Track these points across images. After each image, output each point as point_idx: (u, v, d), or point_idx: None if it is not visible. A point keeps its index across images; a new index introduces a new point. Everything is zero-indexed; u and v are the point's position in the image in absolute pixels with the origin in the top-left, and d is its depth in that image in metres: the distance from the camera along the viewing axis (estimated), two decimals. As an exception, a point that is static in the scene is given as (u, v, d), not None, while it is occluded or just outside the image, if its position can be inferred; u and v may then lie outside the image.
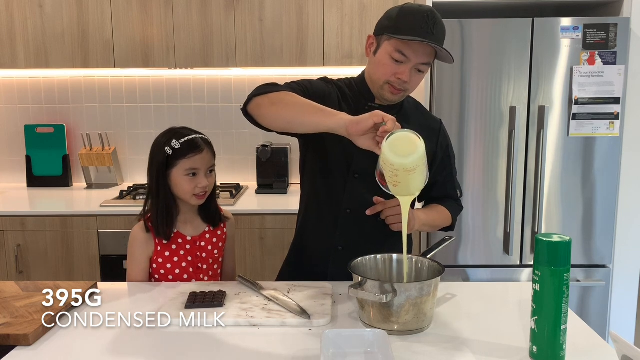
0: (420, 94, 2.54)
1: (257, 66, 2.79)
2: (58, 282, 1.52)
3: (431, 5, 2.47)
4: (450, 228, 1.74)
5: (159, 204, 1.63)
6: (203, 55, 2.78)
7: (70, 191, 3.06)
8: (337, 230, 1.62)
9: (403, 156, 1.23)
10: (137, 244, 1.66)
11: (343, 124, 1.29)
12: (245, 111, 1.48)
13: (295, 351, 1.18)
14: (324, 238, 1.65)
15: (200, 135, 1.66)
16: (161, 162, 1.61)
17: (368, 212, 1.53)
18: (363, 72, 1.62)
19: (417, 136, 1.24)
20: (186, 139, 1.61)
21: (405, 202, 1.34)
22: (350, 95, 1.61)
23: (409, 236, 1.76)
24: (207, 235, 1.71)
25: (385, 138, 1.24)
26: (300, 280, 1.60)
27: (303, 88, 1.53)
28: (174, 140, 1.60)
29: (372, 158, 1.33)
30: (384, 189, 1.31)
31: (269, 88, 1.46)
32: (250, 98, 1.46)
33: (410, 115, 1.64)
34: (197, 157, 1.61)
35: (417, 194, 1.32)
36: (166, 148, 1.60)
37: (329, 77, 1.67)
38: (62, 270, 2.62)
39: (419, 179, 1.29)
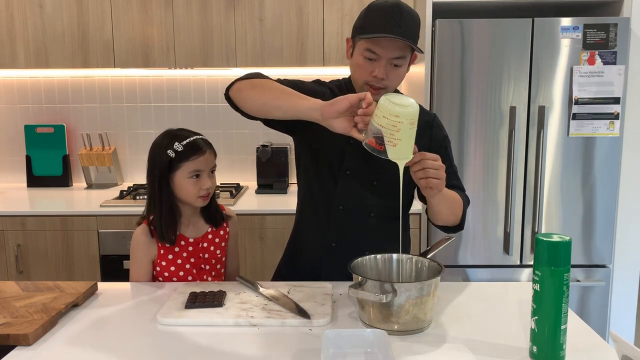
0: (420, 93, 2.55)
1: (257, 66, 2.78)
2: (58, 282, 1.52)
3: (431, 5, 2.47)
4: (459, 227, 1.66)
5: (162, 209, 1.61)
6: (203, 55, 2.78)
7: (70, 191, 3.06)
8: (331, 226, 1.62)
9: (406, 105, 1.23)
10: (140, 248, 1.65)
11: (317, 107, 1.30)
12: (227, 95, 1.51)
13: (295, 351, 1.18)
14: (318, 235, 1.66)
15: (200, 136, 1.65)
16: (163, 165, 1.59)
17: (408, 164, 1.36)
18: None
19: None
20: (188, 141, 1.60)
21: (401, 166, 1.32)
22: (341, 92, 1.61)
23: (406, 234, 1.76)
24: (210, 236, 1.71)
25: (380, 102, 1.23)
26: (295, 277, 1.61)
27: (293, 84, 1.54)
28: (176, 143, 1.59)
29: (363, 155, 1.35)
30: (376, 154, 1.28)
31: (253, 75, 1.49)
32: (233, 82, 1.49)
33: None
34: (201, 158, 1.60)
35: (411, 157, 1.31)
36: (168, 151, 1.59)
37: (328, 77, 1.67)
38: (62, 270, 2.62)
39: (414, 138, 1.28)
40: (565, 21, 2.40)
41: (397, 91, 1.59)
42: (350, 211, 1.61)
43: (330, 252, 1.63)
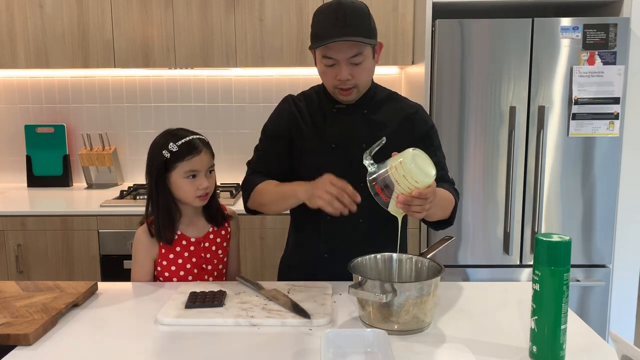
0: (420, 93, 2.55)
1: (257, 66, 2.79)
2: (58, 282, 1.52)
3: (431, 5, 2.47)
4: (449, 221, 1.62)
5: (159, 209, 1.62)
6: (203, 55, 2.78)
7: (71, 191, 3.06)
8: (321, 238, 1.64)
9: (428, 174, 1.24)
10: (141, 247, 1.65)
11: (305, 198, 1.45)
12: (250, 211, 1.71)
13: (295, 351, 1.18)
14: (310, 247, 1.67)
15: (198, 136, 1.64)
16: (159, 166, 1.59)
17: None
18: None
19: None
20: (183, 140, 1.59)
21: (400, 217, 1.34)
22: (318, 102, 1.64)
23: (404, 235, 1.76)
24: (211, 236, 1.70)
25: (401, 157, 1.23)
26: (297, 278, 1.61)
27: (264, 163, 1.67)
28: (171, 143, 1.58)
29: (343, 162, 1.47)
30: (376, 199, 1.30)
31: (245, 193, 1.68)
32: (245, 204, 1.70)
33: (381, 105, 1.63)
34: (196, 158, 1.60)
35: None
36: (164, 151, 1.58)
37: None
38: (62, 270, 2.62)
39: None
40: (565, 21, 2.40)
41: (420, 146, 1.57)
42: (337, 220, 1.59)
43: (323, 262, 1.64)
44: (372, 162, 1.31)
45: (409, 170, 1.22)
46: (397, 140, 1.48)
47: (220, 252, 1.72)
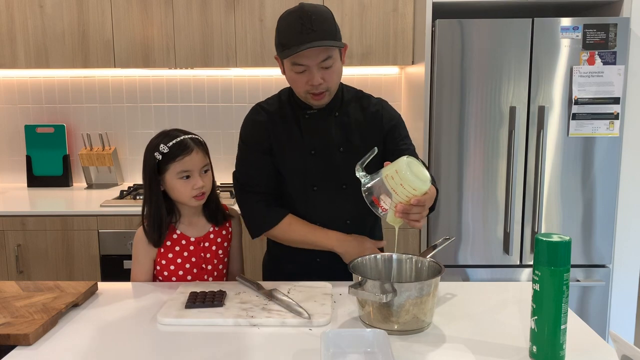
0: (420, 93, 2.55)
1: (257, 66, 2.79)
2: (58, 282, 1.52)
3: (431, 5, 2.47)
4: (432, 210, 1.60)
5: (151, 210, 1.62)
6: (203, 55, 2.78)
7: (71, 191, 3.06)
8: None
9: (424, 180, 1.24)
10: (141, 247, 1.65)
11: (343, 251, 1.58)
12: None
13: (295, 351, 1.18)
14: (300, 255, 1.67)
15: (190, 136, 1.63)
16: (152, 167, 1.59)
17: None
18: None
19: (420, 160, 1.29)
20: (174, 141, 1.58)
21: (397, 228, 1.35)
22: (290, 108, 1.63)
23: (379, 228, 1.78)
24: (212, 236, 1.70)
25: (395, 166, 1.23)
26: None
27: (256, 179, 1.63)
28: (162, 145, 1.58)
29: (325, 172, 1.50)
30: (374, 210, 1.29)
31: (258, 223, 1.65)
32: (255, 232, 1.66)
33: (350, 110, 1.64)
34: (187, 158, 1.59)
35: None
36: (155, 153, 1.58)
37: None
38: (62, 270, 2.62)
39: None
40: (565, 21, 2.40)
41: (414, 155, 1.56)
42: (326, 223, 1.62)
43: (316, 267, 1.65)
44: (364, 173, 1.32)
45: (406, 178, 1.22)
46: (369, 137, 1.57)
47: (220, 252, 1.71)
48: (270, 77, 3.12)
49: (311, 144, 1.60)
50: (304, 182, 1.62)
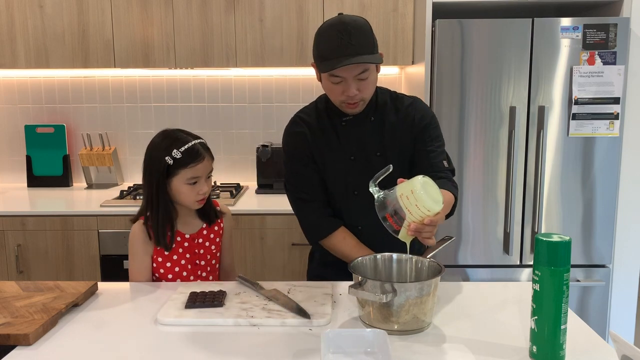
0: (420, 93, 2.54)
1: (257, 66, 2.79)
2: (58, 282, 1.52)
3: (431, 5, 2.47)
4: (450, 215, 1.66)
5: (159, 213, 1.62)
6: (203, 55, 2.78)
7: (71, 191, 3.06)
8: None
9: (437, 201, 1.25)
10: (139, 243, 1.66)
11: None
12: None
13: (295, 351, 1.18)
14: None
15: (198, 140, 1.64)
16: (161, 171, 1.59)
17: None
18: None
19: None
20: (186, 147, 1.59)
21: (408, 243, 1.35)
22: (327, 116, 1.66)
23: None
24: (205, 232, 1.72)
25: (411, 186, 1.24)
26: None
27: (306, 187, 1.67)
28: (174, 150, 1.58)
29: (364, 177, 1.44)
30: (387, 227, 1.30)
31: (315, 229, 1.69)
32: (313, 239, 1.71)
33: (385, 113, 1.66)
34: (199, 165, 1.60)
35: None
36: (166, 158, 1.58)
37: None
38: (62, 270, 2.62)
39: None
40: (565, 21, 2.40)
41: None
42: (369, 228, 1.62)
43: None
44: (378, 189, 1.33)
45: (421, 198, 1.23)
46: (403, 139, 1.61)
47: (213, 247, 1.74)
48: (270, 77, 3.12)
49: (350, 150, 1.64)
50: (345, 188, 1.66)
